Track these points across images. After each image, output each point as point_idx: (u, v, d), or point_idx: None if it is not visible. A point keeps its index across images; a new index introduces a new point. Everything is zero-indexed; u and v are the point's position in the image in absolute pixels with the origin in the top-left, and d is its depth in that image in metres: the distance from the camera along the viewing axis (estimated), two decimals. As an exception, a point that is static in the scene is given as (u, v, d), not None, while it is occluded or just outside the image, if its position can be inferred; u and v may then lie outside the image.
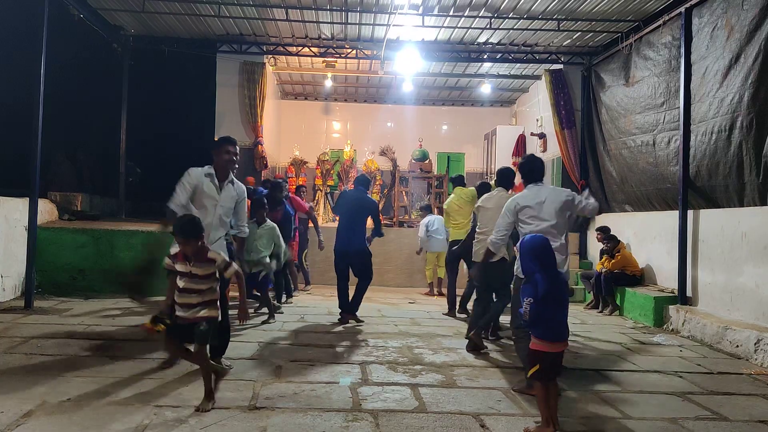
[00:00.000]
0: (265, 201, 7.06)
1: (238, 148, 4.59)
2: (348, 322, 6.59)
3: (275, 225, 6.91)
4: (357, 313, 6.71)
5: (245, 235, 4.83)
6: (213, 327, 3.74)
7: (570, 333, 3.68)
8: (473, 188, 7.50)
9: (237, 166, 4.58)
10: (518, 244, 3.68)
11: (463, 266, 7.52)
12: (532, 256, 3.49)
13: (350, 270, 6.78)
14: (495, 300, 5.78)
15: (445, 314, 7.46)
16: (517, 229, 4.49)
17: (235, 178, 4.60)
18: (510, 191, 5.87)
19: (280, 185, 7.89)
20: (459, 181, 7.98)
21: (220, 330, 4.24)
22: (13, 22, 7.43)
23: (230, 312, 4.65)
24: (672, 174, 7.57)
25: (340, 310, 6.71)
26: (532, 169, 4.55)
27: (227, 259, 3.85)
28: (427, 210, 9.86)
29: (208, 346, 3.81)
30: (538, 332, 3.45)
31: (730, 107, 6.42)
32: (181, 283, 3.68)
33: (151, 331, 3.66)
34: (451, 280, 7.58)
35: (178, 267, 3.71)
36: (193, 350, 3.73)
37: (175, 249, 3.88)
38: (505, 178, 5.96)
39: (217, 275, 3.73)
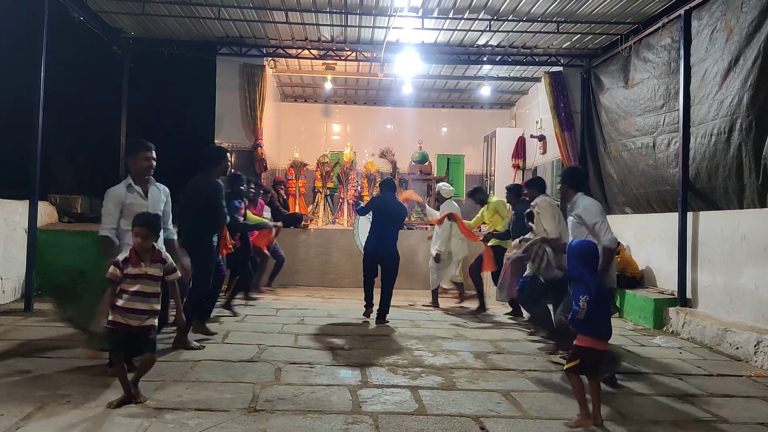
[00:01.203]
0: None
1: (154, 152, 4.60)
2: (370, 315, 7.05)
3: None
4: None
5: (175, 236, 4.86)
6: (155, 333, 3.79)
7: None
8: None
9: (153, 170, 4.62)
10: (568, 246, 3.90)
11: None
12: (581, 259, 3.69)
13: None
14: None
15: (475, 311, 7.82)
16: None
17: (154, 180, 4.63)
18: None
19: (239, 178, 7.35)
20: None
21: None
22: (13, 24, 7.43)
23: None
24: (672, 176, 7.58)
25: (365, 303, 7.14)
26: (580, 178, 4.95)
27: (174, 264, 3.87)
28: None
29: None
30: (588, 329, 3.65)
31: (730, 109, 6.42)
32: (132, 287, 3.65)
33: (96, 356, 3.82)
34: (478, 277, 7.99)
35: (131, 270, 3.66)
36: (145, 358, 3.76)
37: (122, 254, 3.77)
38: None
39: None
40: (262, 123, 10.48)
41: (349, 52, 10.33)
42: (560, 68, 10.40)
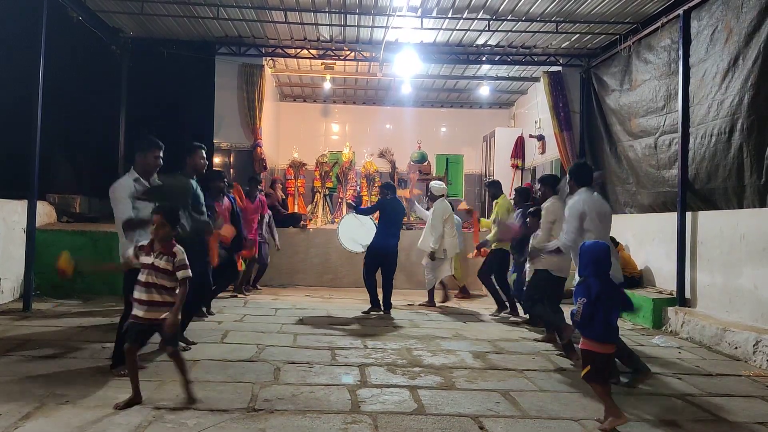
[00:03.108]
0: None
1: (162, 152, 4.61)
2: (371, 313, 7.47)
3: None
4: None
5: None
6: (179, 330, 3.72)
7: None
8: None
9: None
10: (580, 246, 3.86)
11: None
12: (592, 260, 3.66)
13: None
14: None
15: (493, 315, 7.63)
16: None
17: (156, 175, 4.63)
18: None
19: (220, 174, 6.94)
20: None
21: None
22: (12, 24, 7.42)
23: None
24: (673, 177, 7.57)
25: (371, 305, 7.57)
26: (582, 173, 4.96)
27: (186, 261, 3.70)
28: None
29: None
30: (587, 333, 3.60)
31: (730, 109, 6.42)
32: (142, 277, 3.65)
33: (64, 270, 3.93)
34: (488, 280, 7.84)
35: (143, 259, 3.66)
36: (168, 353, 3.73)
37: (143, 241, 3.81)
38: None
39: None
40: (261, 123, 10.48)
41: (348, 52, 10.33)
42: (559, 68, 10.41)
